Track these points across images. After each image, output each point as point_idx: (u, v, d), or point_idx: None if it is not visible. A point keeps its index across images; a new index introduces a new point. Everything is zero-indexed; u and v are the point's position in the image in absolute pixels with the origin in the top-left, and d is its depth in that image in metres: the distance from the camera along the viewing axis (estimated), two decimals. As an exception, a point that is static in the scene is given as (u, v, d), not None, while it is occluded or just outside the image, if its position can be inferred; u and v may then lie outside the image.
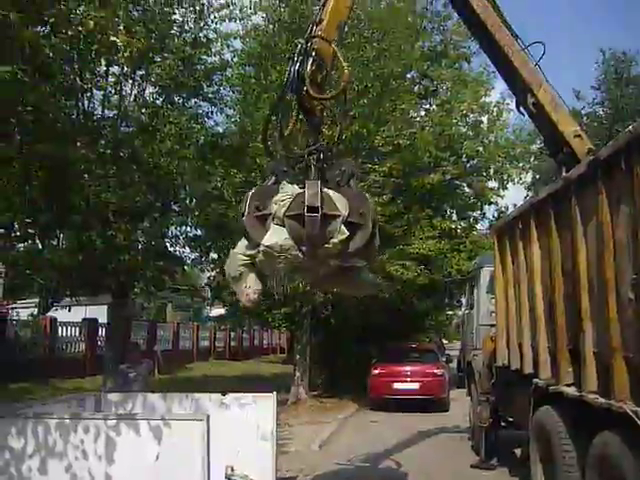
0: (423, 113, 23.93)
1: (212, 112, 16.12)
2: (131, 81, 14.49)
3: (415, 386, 17.12)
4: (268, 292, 18.00)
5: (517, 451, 10.47)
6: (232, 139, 16.81)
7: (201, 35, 15.09)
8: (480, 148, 24.31)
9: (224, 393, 7.74)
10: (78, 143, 12.84)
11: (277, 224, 5.32)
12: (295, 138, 6.60)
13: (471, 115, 24.20)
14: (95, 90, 13.96)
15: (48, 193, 12.52)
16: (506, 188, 24.96)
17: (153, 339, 27.73)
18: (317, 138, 5.94)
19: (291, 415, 15.43)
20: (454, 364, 23.14)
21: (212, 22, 15.18)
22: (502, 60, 8.04)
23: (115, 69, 13.76)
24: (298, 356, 18.00)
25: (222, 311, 25.80)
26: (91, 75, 13.05)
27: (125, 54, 7.75)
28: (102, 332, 22.14)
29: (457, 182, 24.22)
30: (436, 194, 22.31)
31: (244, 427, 7.18)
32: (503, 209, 25.00)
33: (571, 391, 6.15)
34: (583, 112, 29.09)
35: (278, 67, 15.32)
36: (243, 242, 5.78)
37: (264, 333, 43.90)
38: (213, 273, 20.02)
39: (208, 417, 5.61)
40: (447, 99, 23.73)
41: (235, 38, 16.21)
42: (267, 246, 5.24)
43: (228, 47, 15.86)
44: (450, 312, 23.14)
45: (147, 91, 14.88)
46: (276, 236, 5.24)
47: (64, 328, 22.16)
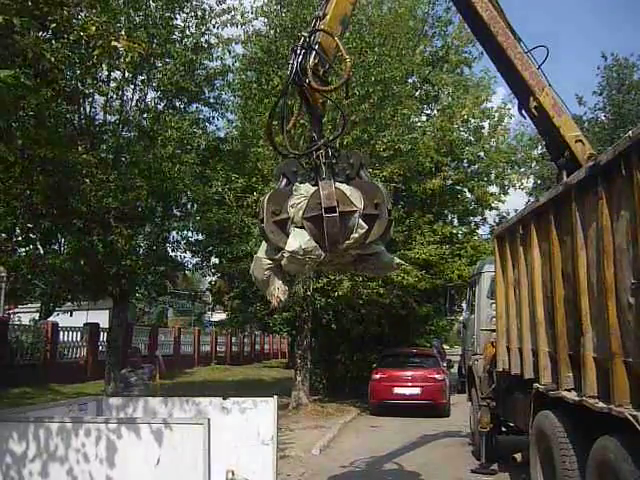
0: (424, 118, 24.00)
1: (213, 117, 16.21)
2: (132, 86, 14.56)
3: (416, 391, 17.10)
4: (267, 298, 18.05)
5: (517, 456, 10.44)
6: (233, 144, 16.87)
7: (202, 40, 15.15)
8: (481, 153, 24.39)
9: (225, 397, 7.75)
10: (79, 148, 12.90)
11: (296, 227, 5.38)
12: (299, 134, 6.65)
13: (472, 120, 24.29)
14: (97, 95, 14.02)
15: (49, 198, 12.56)
16: (507, 193, 25.08)
17: (154, 344, 27.70)
18: (320, 131, 5.96)
19: (292, 419, 15.42)
20: (455, 369, 23.12)
21: (213, 27, 15.25)
22: (504, 62, 8.06)
23: (117, 74, 13.81)
24: (299, 361, 17.98)
25: (223, 316, 25.83)
26: (93, 80, 13.10)
27: (126, 59, 7.78)
28: (103, 337, 22.15)
29: (458, 187, 24.29)
30: (437, 199, 22.37)
31: (245, 431, 7.17)
32: (504, 214, 25.09)
33: (571, 396, 6.15)
34: (585, 118, 29.08)
35: (280, 72, 15.35)
36: (264, 246, 5.85)
37: (265, 338, 43.88)
38: (214, 278, 20.06)
39: (209, 421, 5.60)
40: (448, 104, 23.78)
41: (236, 43, 16.33)
42: (291, 252, 5.31)
43: (229, 52, 15.94)
44: (451, 317, 23.07)
45: (148, 96, 14.97)
46: (298, 240, 5.30)
47: (65, 333, 22.16)
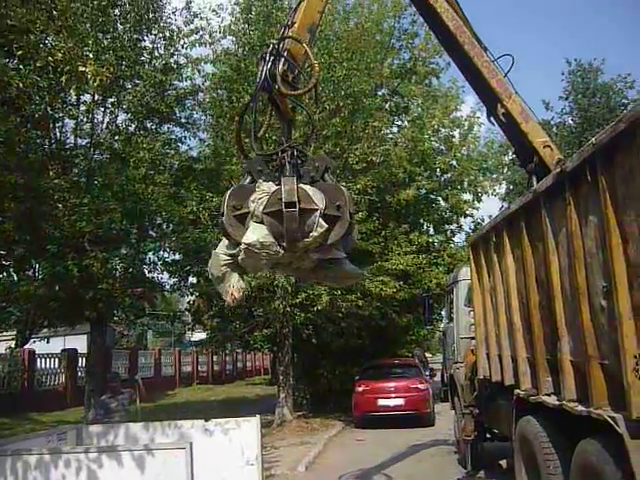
0: (395, 129, 24.23)
1: (185, 137, 16.24)
2: (103, 109, 14.53)
3: (399, 402, 17.09)
4: (249, 315, 17.92)
5: (502, 462, 10.49)
6: (206, 163, 16.85)
7: (172, 61, 15.20)
8: (453, 162, 24.61)
9: (207, 419, 7.70)
10: (51, 172, 12.82)
11: (256, 222, 5.38)
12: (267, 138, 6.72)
13: (443, 130, 24.54)
14: (67, 119, 13.96)
15: (21, 224, 12.44)
16: (481, 200, 25.25)
17: (134, 367, 27.44)
18: (290, 136, 6.03)
19: (277, 437, 15.33)
20: (438, 377, 23.16)
21: (182, 47, 15.31)
22: (472, 71, 8.19)
23: (86, 97, 13.77)
24: (281, 377, 17.89)
25: (203, 335, 25.63)
26: (62, 104, 13.05)
27: (95, 83, 7.76)
28: (82, 362, 21.89)
29: (432, 196, 24.46)
30: (412, 209, 22.51)
31: (229, 452, 7.14)
32: (479, 221, 25.29)
33: (551, 400, 6.19)
34: (553, 122, 29.55)
35: (250, 90, 15.39)
36: (224, 242, 5.84)
37: (247, 355, 43.63)
38: (193, 297, 19.91)
39: (191, 445, 5.58)
40: (418, 115, 24.03)
41: (206, 62, 16.36)
42: (248, 244, 5.31)
43: (199, 72, 16.00)
44: (430, 327, 23.15)
45: (119, 118, 14.94)
46: (256, 233, 5.31)
47: (43, 360, 21.86)
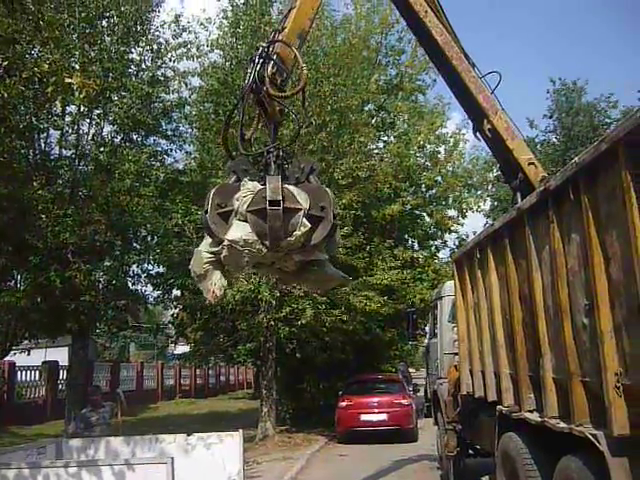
0: (381, 145, 24.37)
1: (171, 149, 16.22)
2: (88, 120, 14.48)
3: (383, 417, 17.05)
4: (233, 329, 17.82)
5: (485, 478, 10.48)
6: (192, 176, 16.83)
7: (159, 73, 15.21)
8: (438, 178, 24.78)
9: (189, 433, 7.64)
10: (35, 183, 12.74)
11: (240, 220, 5.41)
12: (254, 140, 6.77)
13: (428, 146, 24.75)
14: (52, 130, 13.90)
15: (4, 234, 12.34)
16: (465, 216, 25.41)
17: (116, 380, 27.17)
18: (276, 137, 6.10)
19: (259, 452, 15.21)
20: (422, 393, 23.13)
21: (170, 60, 15.32)
22: (459, 86, 8.29)
23: (72, 108, 13.74)
24: (264, 391, 17.80)
25: (187, 348, 25.46)
26: (47, 115, 12.99)
27: (81, 95, 7.75)
28: (63, 375, 21.64)
29: (417, 212, 24.58)
30: (397, 224, 22.60)
31: (211, 468, 7.10)
32: (463, 237, 25.42)
33: (533, 417, 6.21)
34: (537, 140, 29.86)
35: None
36: (207, 240, 5.85)
37: (230, 369, 43.36)
38: (176, 310, 19.81)
39: (172, 460, 5.53)
40: (404, 131, 24.19)
41: (193, 76, 16.36)
42: (231, 241, 5.33)
43: (186, 85, 16.01)
44: (414, 342, 23.16)
45: (105, 130, 14.91)
46: (239, 231, 5.33)
47: (23, 372, 21.58)
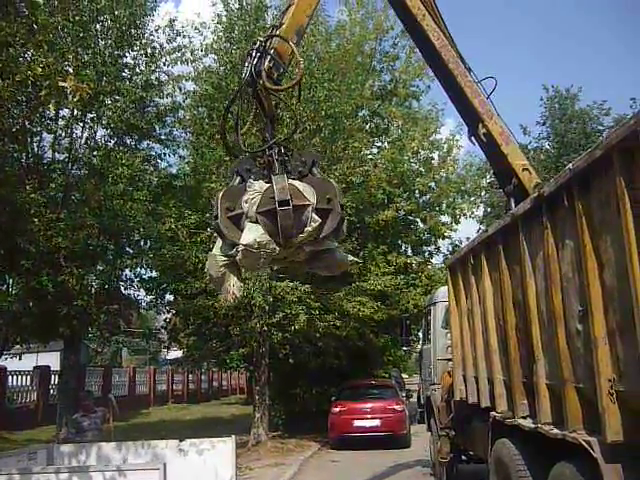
0: (375, 150, 24.37)
1: (165, 154, 16.16)
2: (82, 124, 14.43)
3: (376, 423, 17.01)
4: (226, 334, 17.76)
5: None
6: (185, 180, 16.81)
7: (153, 77, 15.17)
8: (432, 184, 24.82)
9: (181, 439, 7.60)
10: (27, 187, 12.68)
11: (250, 221, 5.46)
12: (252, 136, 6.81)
13: (422, 152, 24.78)
14: (45, 133, 13.85)
15: (-4, 239, 12.26)
16: (459, 222, 25.46)
17: (108, 385, 27.05)
18: (273, 132, 6.12)
19: (252, 457, 15.15)
20: (415, 399, 23.10)
21: (164, 65, 15.30)
22: (455, 90, 8.34)
23: (65, 112, 13.69)
24: (257, 397, 17.74)
25: (179, 353, 25.39)
26: (40, 119, 12.95)
27: (74, 99, 7.72)
28: (54, 380, 21.52)
29: (411, 218, 24.60)
30: (390, 230, 22.59)
31: (203, 473, 7.06)
32: (457, 243, 25.45)
33: (527, 423, 6.21)
34: (530, 147, 29.93)
35: (230, 108, 15.41)
36: (219, 243, 5.90)
37: (223, 374, 43.24)
38: (169, 315, 19.75)
39: (165, 465, 5.50)
40: (398, 136, 24.23)
41: (187, 80, 16.34)
42: (245, 245, 5.36)
43: (180, 89, 15.98)
44: (407, 348, 23.15)
45: (98, 133, 14.86)
46: (252, 234, 5.38)
47: (14, 377, 21.45)
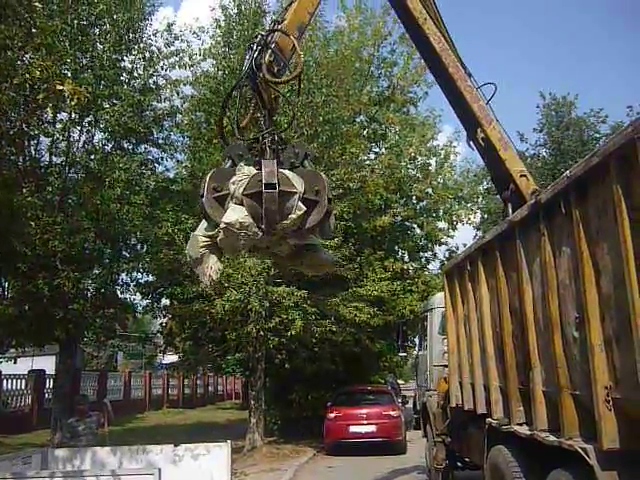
0: (373, 156, 24.40)
1: (162, 158, 16.17)
2: (79, 127, 14.44)
3: (371, 429, 16.98)
4: (222, 339, 17.73)
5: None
6: (183, 184, 16.80)
7: (151, 81, 15.19)
8: (429, 190, 24.81)
9: (176, 444, 7.58)
10: (24, 190, 12.66)
11: (236, 203, 5.45)
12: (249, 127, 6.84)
13: (419, 158, 24.78)
14: (42, 136, 13.83)
15: (-8, 241, 12.23)
16: (456, 228, 25.47)
17: (103, 389, 26.98)
18: (271, 123, 6.15)
19: (247, 463, 15.11)
20: (410, 405, 23.08)
21: (162, 69, 15.31)
22: (454, 94, 8.35)
23: (63, 115, 13.69)
24: (253, 402, 17.71)
25: (175, 358, 25.35)
26: (38, 122, 12.93)
27: (72, 102, 7.72)
28: (49, 384, 21.47)
29: (408, 223, 24.60)
30: (387, 236, 22.60)
31: (198, 479, 7.03)
32: (454, 249, 25.46)
33: (523, 430, 6.20)
34: (527, 154, 30.00)
35: (228, 113, 15.42)
36: (203, 224, 5.89)
37: (219, 379, 43.16)
38: (165, 319, 19.72)
39: (160, 470, 5.48)
40: (395, 142, 24.24)
41: (185, 84, 16.35)
42: (227, 224, 5.36)
43: (178, 93, 15.99)
44: (403, 354, 23.12)
45: (96, 137, 14.87)
46: (235, 214, 5.37)
47: (9, 381, 21.39)
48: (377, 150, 25.05)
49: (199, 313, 16.27)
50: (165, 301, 18.16)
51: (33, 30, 8.77)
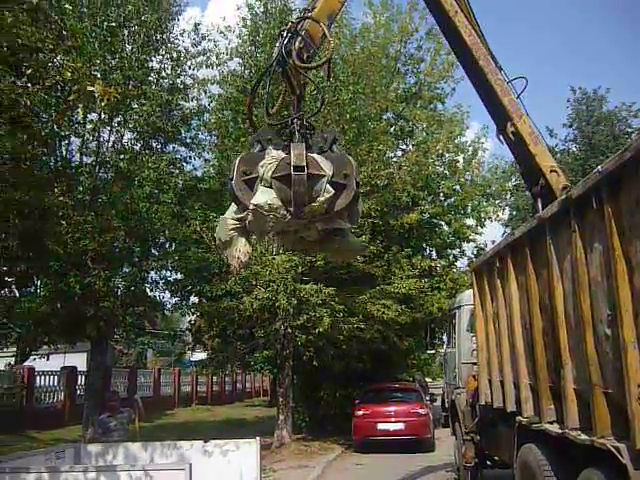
0: (400, 153, 24.28)
1: (190, 157, 16.31)
2: (109, 127, 14.62)
3: (400, 426, 16.94)
4: (250, 336, 17.79)
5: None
6: (210, 183, 16.91)
7: (178, 81, 15.33)
8: (457, 187, 24.67)
9: (206, 440, 7.64)
10: (55, 190, 12.85)
11: (265, 186, 5.45)
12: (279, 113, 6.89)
13: (447, 154, 24.62)
14: (73, 137, 14.04)
15: (25, 241, 12.46)
16: (484, 225, 25.28)
17: (133, 386, 27.28)
18: (299, 109, 6.17)
19: (275, 459, 15.18)
20: (439, 402, 22.99)
21: (189, 68, 15.46)
22: (485, 87, 8.28)
23: (93, 116, 13.87)
24: (281, 399, 17.77)
25: (204, 355, 25.53)
26: (68, 122, 13.12)
27: (102, 102, 7.82)
28: (81, 380, 21.78)
29: (435, 221, 24.48)
30: (415, 233, 22.50)
31: (228, 474, 7.09)
32: (482, 246, 25.26)
33: (554, 428, 6.14)
34: (557, 149, 29.64)
35: (255, 111, 15.49)
36: (232, 208, 5.89)
37: (247, 376, 43.38)
38: (194, 317, 19.87)
39: (190, 466, 5.53)
40: (423, 139, 24.13)
41: (212, 83, 16.48)
42: (256, 205, 5.36)
43: (205, 92, 16.11)
44: (432, 351, 23.01)
45: (125, 137, 15.05)
46: (264, 196, 5.38)
47: (42, 377, 21.74)
48: (404, 147, 24.99)
49: (227, 311, 16.37)
50: (194, 299, 18.32)
51: (64, 32, 8.89)
